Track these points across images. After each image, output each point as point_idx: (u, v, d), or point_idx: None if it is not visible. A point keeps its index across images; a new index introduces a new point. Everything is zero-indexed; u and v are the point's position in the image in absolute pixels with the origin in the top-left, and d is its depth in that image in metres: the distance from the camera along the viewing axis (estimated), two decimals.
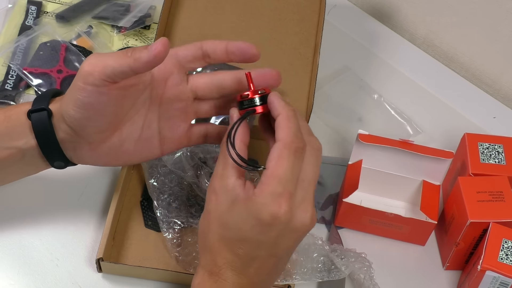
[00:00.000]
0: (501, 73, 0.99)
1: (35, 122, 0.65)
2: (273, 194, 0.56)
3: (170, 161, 0.78)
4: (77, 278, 0.75)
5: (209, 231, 0.60)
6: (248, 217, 0.57)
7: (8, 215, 0.79)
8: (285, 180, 0.56)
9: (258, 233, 0.57)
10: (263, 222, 0.56)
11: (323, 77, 0.95)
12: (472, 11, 0.97)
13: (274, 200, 0.56)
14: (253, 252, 0.58)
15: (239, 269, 0.59)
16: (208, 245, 0.60)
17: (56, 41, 0.94)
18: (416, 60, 1.02)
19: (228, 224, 0.58)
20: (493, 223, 0.71)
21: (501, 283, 0.69)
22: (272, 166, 0.57)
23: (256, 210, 0.56)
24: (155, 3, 1.02)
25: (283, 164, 0.56)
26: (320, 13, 0.90)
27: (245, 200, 0.57)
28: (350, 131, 0.91)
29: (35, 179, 0.74)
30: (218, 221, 0.59)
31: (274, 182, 0.56)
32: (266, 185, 0.56)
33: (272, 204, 0.56)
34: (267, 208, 0.56)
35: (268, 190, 0.56)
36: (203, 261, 0.61)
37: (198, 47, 0.65)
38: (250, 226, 0.57)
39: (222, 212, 0.59)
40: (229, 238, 0.59)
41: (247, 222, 0.57)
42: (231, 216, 0.58)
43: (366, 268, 0.73)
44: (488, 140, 0.79)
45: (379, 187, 0.80)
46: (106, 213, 0.76)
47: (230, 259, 0.59)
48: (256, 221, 0.57)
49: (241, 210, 0.57)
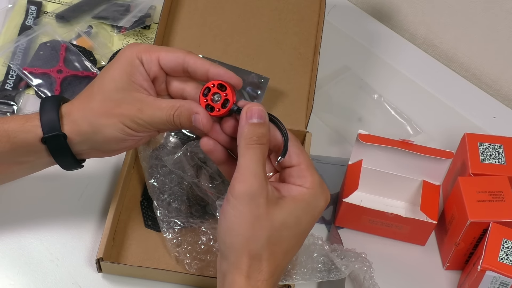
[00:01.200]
0: (501, 73, 0.99)
1: (52, 149, 0.65)
2: (321, 183, 0.59)
3: (170, 161, 0.78)
4: (77, 278, 0.75)
5: (257, 236, 0.57)
6: (309, 210, 0.59)
7: (8, 215, 0.79)
8: (314, 168, 0.60)
9: (309, 224, 0.60)
10: (320, 210, 0.59)
11: (323, 77, 0.95)
12: (472, 11, 0.97)
13: (323, 188, 0.60)
14: (297, 247, 0.61)
15: (281, 271, 0.59)
16: (252, 248, 0.57)
17: (56, 41, 0.94)
18: (416, 60, 1.02)
19: (285, 223, 0.57)
20: (493, 223, 0.71)
21: (501, 283, 0.69)
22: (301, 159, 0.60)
23: (316, 202, 0.59)
24: (155, 3, 1.02)
25: (306, 155, 0.60)
26: (320, 13, 0.90)
27: (299, 198, 0.59)
28: (350, 131, 0.91)
29: (35, 179, 0.74)
30: (272, 224, 0.57)
31: (315, 171, 0.59)
32: (312, 176, 0.59)
33: (324, 192, 0.59)
34: (323, 197, 0.59)
35: (316, 179, 0.59)
36: (238, 264, 0.57)
37: (180, 60, 0.64)
38: (309, 218, 0.59)
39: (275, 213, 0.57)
40: (284, 237, 0.58)
41: (307, 215, 0.59)
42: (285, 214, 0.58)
43: (366, 268, 0.73)
44: (488, 140, 0.79)
45: (379, 187, 0.80)
46: (106, 213, 0.76)
47: (279, 261, 0.58)
48: (316, 211, 0.59)
49: (298, 206, 0.58)
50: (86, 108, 0.64)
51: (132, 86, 0.63)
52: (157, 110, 0.63)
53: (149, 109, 0.63)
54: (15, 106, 0.89)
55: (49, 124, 0.64)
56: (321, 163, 0.87)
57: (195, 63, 0.63)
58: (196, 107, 0.62)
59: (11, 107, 0.88)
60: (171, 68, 0.64)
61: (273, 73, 0.87)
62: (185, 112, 0.62)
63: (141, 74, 0.64)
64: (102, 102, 0.63)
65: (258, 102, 0.86)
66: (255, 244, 0.56)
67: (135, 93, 0.63)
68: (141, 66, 0.64)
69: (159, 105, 0.63)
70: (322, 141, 0.89)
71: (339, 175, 0.85)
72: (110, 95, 0.63)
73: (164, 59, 0.64)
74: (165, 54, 0.64)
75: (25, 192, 0.81)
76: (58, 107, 0.65)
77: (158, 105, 0.63)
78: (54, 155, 0.66)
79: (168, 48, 0.65)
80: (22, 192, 0.81)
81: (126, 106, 0.63)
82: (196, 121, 0.62)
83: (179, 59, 0.64)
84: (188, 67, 0.64)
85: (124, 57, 0.64)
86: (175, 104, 0.63)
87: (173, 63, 0.64)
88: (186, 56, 0.64)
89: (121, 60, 0.64)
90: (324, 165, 0.86)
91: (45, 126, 0.64)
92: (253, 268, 0.57)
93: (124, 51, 0.64)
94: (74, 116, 0.65)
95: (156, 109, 0.63)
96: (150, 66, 0.64)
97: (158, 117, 0.63)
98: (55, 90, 0.90)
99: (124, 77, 0.63)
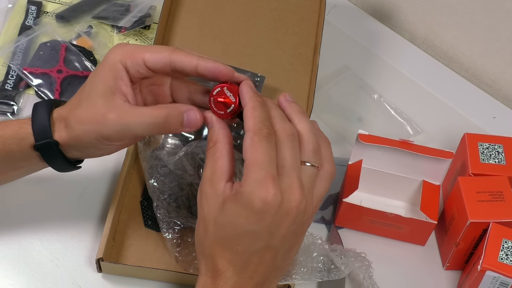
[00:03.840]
0: (501, 73, 0.99)
1: (44, 155, 0.66)
2: (257, 180, 0.56)
3: (171, 162, 0.78)
4: (77, 278, 0.75)
5: (206, 236, 0.60)
6: (240, 209, 0.57)
7: (8, 215, 0.79)
8: (264, 164, 0.57)
9: (253, 223, 0.57)
10: (255, 210, 0.57)
11: (323, 77, 0.95)
12: (472, 11, 0.97)
13: (260, 185, 0.56)
14: (251, 246, 0.58)
15: (239, 268, 0.59)
16: (206, 251, 0.60)
17: (56, 41, 0.94)
18: (416, 60, 1.02)
19: (222, 223, 0.59)
20: (493, 223, 0.71)
21: (501, 283, 0.69)
22: (248, 155, 0.57)
23: (246, 200, 0.57)
24: (155, 3, 1.02)
25: (257, 150, 0.57)
26: (320, 13, 0.90)
27: (234, 195, 0.58)
28: (350, 131, 0.91)
29: (35, 179, 0.74)
30: (213, 224, 0.59)
31: (255, 169, 0.57)
32: (248, 174, 0.57)
33: (260, 189, 0.56)
34: (256, 194, 0.56)
35: (252, 177, 0.57)
36: (204, 269, 0.61)
37: (167, 60, 0.62)
38: (244, 218, 0.57)
39: (215, 214, 0.59)
40: (226, 237, 0.59)
41: (240, 215, 0.57)
42: (224, 215, 0.58)
43: (365, 267, 0.73)
44: (488, 140, 0.79)
45: (379, 187, 0.80)
46: (106, 213, 0.76)
47: (230, 258, 0.59)
48: (248, 211, 0.57)
49: (232, 205, 0.58)
50: (73, 115, 0.64)
51: (113, 93, 0.62)
52: (136, 117, 0.62)
53: (127, 116, 0.62)
54: (15, 106, 0.89)
55: (40, 132, 0.64)
56: None
57: (182, 62, 0.62)
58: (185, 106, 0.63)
59: (11, 107, 0.89)
60: (159, 69, 0.63)
61: (273, 73, 0.87)
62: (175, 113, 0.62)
63: (121, 79, 0.63)
64: (86, 109, 0.63)
65: None
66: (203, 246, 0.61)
67: (116, 100, 0.63)
68: (123, 71, 0.62)
69: (136, 109, 0.63)
70: None
71: (339, 175, 0.84)
72: (93, 102, 0.63)
73: (150, 61, 0.62)
74: (150, 56, 0.62)
75: (25, 192, 0.81)
76: (50, 113, 0.65)
77: (135, 111, 0.62)
78: (48, 161, 0.66)
79: (153, 49, 0.63)
80: (22, 192, 0.81)
81: (106, 113, 0.62)
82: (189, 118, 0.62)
83: (165, 59, 0.62)
84: (176, 66, 0.62)
85: (107, 62, 0.63)
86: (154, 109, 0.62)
87: (160, 64, 0.62)
88: (171, 55, 0.62)
89: (105, 65, 0.63)
90: None
91: (37, 134, 0.64)
92: (209, 267, 0.60)
93: (108, 55, 0.63)
94: (64, 122, 0.65)
95: (134, 116, 0.62)
96: (137, 69, 0.63)
97: (138, 123, 0.62)
98: (55, 90, 0.90)
99: (106, 83, 0.62)
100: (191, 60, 0.62)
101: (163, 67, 0.63)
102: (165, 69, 0.63)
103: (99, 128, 0.62)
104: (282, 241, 0.59)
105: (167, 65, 0.62)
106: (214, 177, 0.59)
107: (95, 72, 0.64)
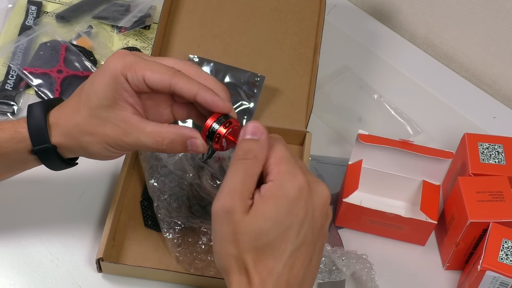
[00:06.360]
0: (501, 73, 0.99)
1: (43, 159, 0.66)
2: (288, 171, 0.56)
3: (170, 162, 0.78)
4: (77, 278, 0.75)
5: (240, 251, 0.56)
6: (277, 204, 0.55)
7: (8, 215, 0.79)
8: (289, 157, 0.57)
9: (291, 214, 0.55)
10: (292, 197, 0.55)
11: (323, 77, 0.95)
12: (472, 11, 0.97)
13: (292, 175, 0.56)
14: (295, 241, 0.56)
15: (278, 274, 0.56)
16: (240, 265, 0.56)
17: (56, 41, 0.94)
18: (416, 60, 1.02)
19: (261, 228, 0.55)
20: (493, 223, 0.71)
21: (501, 283, 0.69)
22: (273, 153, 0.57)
23: (282, 190, 0.56)
24: (155, 3, 1.02)
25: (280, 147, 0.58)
26: (320, 13, 0.90)
27: (267, 197, 0.56)
28: (350, 131, 0.91)
29: (35, 179, 0.74)
30: (249, 235, 0.55)
31: (283, 161, 0.57)
32: (278, 167, 0.56)
33: (293, 178, 0.56)
34: (291, 183, 0.56)
35: (282, 169, 0.56)
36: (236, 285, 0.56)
37: (166, 83, 0.62)
38: (284, 211, 0.55)
39: (252, 224, 0.55)
40: (268, 241, 0.56)
41: (280, 209, 0.55)
42: (263, 220, 0.55)
43: (367, 269, 0.73)
44: (488, 140, 0.79)
45: (379, 187, 0.80)
46: (106, 213, 0.77)
47: (271, 266, 0.56)
48: (286, 201, 0.55)
49: (269, 205, 0.56)
50: (72, 122, 0.64)
51: (118, 104, 0.62)
52: (142, 135, 0.62)
53: (134, 132, 0.62)
54: (15, 106, 0.89)
55: (37, 136, 0.65)
56: (321, 163, 0.87)
57: (181, 89, 0.62)
58: (190, 132, 0.62)
59: (11, 107, 0.89)
60: (157, 89, 0.63)
61: (273, 73, 0.87)
62: (179, 139, 0.62)
63: (126, 91, 0.62)
64: (87, 118, 0.63)
65: (254, 100, 0.86)
66: (236, 261, 0.56)
67: (120, 112, 0.62)
68: (125, 83, 0.62)
69: (144, 128, 0.62)
70: (322, 141, 0.89)
71: (339, 175, 0.85)
72: (95, 112, 0.63)
73: (150, 80, 0.62)
74: (151, 75, 0.62)
75: (25, 192, 0.81)
76: (46, 115, 0.65)
77: (142, 129, 0.62)
78: (45, 163, 0.67)
79: (154, 67, 0.62)
80: (22, 192, 0.81)
81: (111, 126, 0.63)
82: (193, 146, 0.62)
83: (165, 82, 0.62)
84: (175, 91, 0.62)
85: (109, 72, 0.62)
86: (161, 130, 0.62)
87: (159, 85, 0.62)
88: (172, 78, 0.62)
89: (106, 75, 0.62)
90: (324, 165, 0.86)
91: (34, 138, 0.65)
92: (242, 283, 0.56)
93: (109, 65, 0.63)
94: (62, 128, 0.65)
95: (140, 134, 0.62)
96: (136, 83, 0.62)
97: (143, 142, 0.63)
98: (55, 90, 0.90)
99: (109, 94, 0.62)
100: (191, 88, 0.62)
101: (162, 88, 0.63)
102: (164, 90, 0.63)
103: (105, 141, 0.63)
104: (318, 233, 0.58)
105: (166, 88, 0.62)
106: (244, 190, 0.56)
107: (94, 78, 0.63)
